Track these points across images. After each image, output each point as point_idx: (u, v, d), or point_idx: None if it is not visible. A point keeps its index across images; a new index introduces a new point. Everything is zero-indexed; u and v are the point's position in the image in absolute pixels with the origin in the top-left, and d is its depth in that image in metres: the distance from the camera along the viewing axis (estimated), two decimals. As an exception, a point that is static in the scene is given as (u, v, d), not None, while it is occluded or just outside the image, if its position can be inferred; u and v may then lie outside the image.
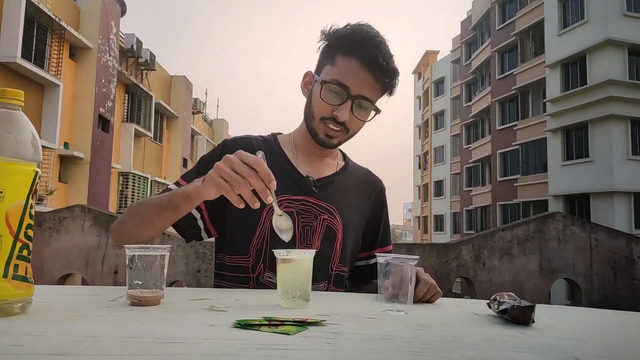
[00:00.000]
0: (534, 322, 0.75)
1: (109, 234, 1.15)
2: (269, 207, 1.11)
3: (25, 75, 11.85)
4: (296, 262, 0.83)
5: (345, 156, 1.33)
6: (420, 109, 42.59)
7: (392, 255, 0.84)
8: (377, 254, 0.85)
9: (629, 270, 3.94)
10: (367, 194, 1.28)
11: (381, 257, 0.83)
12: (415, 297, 0.89)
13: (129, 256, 0.78)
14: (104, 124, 14.90)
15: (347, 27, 1.13)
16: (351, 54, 1.10)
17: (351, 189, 1.25)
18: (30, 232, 0.67)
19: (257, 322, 0.65)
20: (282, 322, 0.66)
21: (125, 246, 0.79)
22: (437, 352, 0.57)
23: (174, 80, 22.36)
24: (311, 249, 1.10)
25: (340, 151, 1.32)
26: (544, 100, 20.54)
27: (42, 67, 12.30)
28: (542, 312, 0.79)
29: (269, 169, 0.83)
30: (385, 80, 1.11)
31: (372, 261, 1.28)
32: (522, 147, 22.66)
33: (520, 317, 0.74)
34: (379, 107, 1.15)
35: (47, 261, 3.77)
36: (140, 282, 0.78)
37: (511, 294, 0.82)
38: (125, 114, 17.53)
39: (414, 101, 45.52)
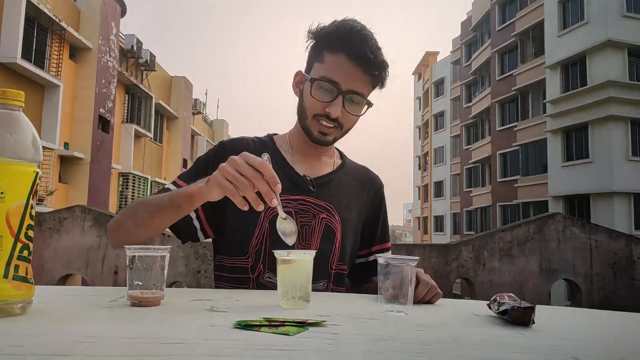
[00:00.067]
0: (534, 323, 0.75)
1: (107, 233, 1.14)
2: (267, 207, 1.11)
3: (25, 75, 11.86)
4: (296, 263, 0.83)
5: (342, 154, 1.33)
6: (420, 110, 42.61)
7: (392, 256, 0.84)
8: (378, 255, 0.84)
9: (629, 271, 3.94)
10: (365, 191, 1.28)
11: (381, 257, 0.83)
12: (415, 298, 0.89)
13: (130, 257, 0.78)
14: (104, 124, 14.91)
15: (333, 23, 1.13)
16: (338, 50, 1.10)
17: (349, 187, 1.24)
18: (30, 233, 0.67)
19: (258, 323, 0.65)
20: (283, 323, 0.66)
21: (125, 247, 0.79)
22: (437, 353, 0.57)
23: (174, 80, 22.37)
24: (311, 250, 1.10)
25: (337, 150, 1.32)
26: (544, 101, 20.54)
27: (42, 67, 12.32)
28: (542, 313, 0.79)
29: (274, 171, 0.82)
30: (374, 73, 1.11)
31: (371, 258, 1.28)
32: (522, 148, 22.66)
33: (520, 318, 0.74)
34: (371, 100, 1.15)
35: (47, 261, 3.77)
36: (140, 283, 0.78)
37: (511, 294, 0.82)
38: (125, 114, 17.54)
39: (414, 102, 45.55)
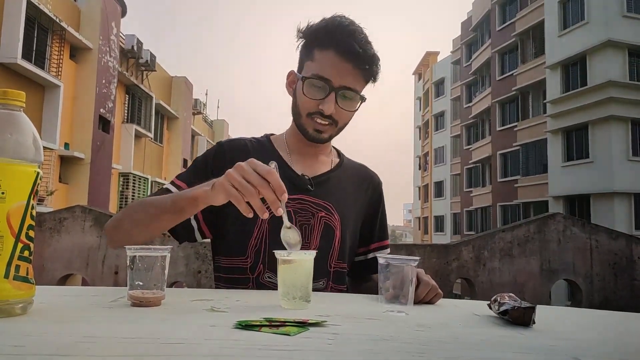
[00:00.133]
0: (534, 323, 0.75)
1: (104, 233, 1.13)
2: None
3: (25, 76, 11.86)
4: (297, 263, 0.83)
5: (339, 153, 1.33)
6: (420, 110, 42.61)
7: (393, 256, 0.83)
8: (377, 254, 0.84)
9: (629, 271, 3.94)
10: (363, 189, 1.28)
11: (382, 258, 0.83)
12: (415, 299, 0.89)
13: (130, 257, 0.78)
14: (104, 124, 14.92)
15: (321, 21, 1.13)
16: (327, 46, 1.10)
17: (347, 185, 1.24)
18: (31, 233, 0.67)
19: (258, 323, 0.65)
20: (283, 323, 0.66)
21: (126, 247, 0.79)
22: (438, 353, 0.57)
23: (174, 80, 22.37)
24: (311, 250, 1.10)
25: (334, 148, 1.32)
26: (544, 101, 20.54)
27: (42, 67, 12.32)
28: (542, 313, 0.79)
29: (281, 180, 0.82)
30: (364, 67, 1.11)
31: (370, 256, 1.28)
32: (522, 148, 22.66)
33: (520, 318, 0.74)
34: (364, 95, 1.15)
35: (48, 262, 3.77)
36: (141, 283, 0.78)
37: (512, 294, 0.82)
38: (125, 114, 17.55)
39: (414, 102, 45.55)
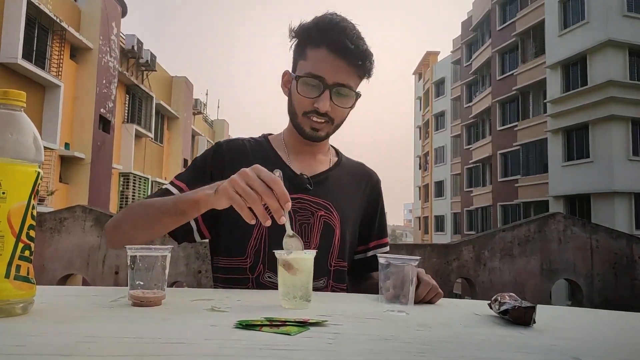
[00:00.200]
0: (535, 322, 0.75)
1: (103, 233, 1.13)
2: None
3: (26, 76, 11.86)
4: (297, 263, 0.83)
5: (338, 152, 1.33)
6: (420, 110, 42.60)
7: (393, 256, 0.83)
8: (379, 255, 0.84)
9: (629, 270, 3.94)
10: (362, 187, 1.28)
11: (382, 257, 0.83)
12: (416, 298, 0.89)
13: (131, 256, 0.78)
14: (104, 124, 14.92)
15: (313, 19, 1.13)
16: (319, 44, 1.10)
17: (346, 184, 1.24)
18: (32, 233, 0.67)
19: (259, 323, 0.65)
20: (284, 323, 0.66)
21: (126, 246, 0.79)
22: (438, 353, 0.57)
23: (174, 80, 22.37)
24: (311, 249, 1.10)
25: (332, 147, 1.32)
26: (545, 100, 20.53)
27: (43, 67, 12.32)
28: (543, 313, 0.79)
29: (285, 189, 0.82)
30: (357, 63, 1.10)
31: (369, 254, 1.29)
32: (522, 147, 22.65)
33: (521, 318, 0.74)
34: (359, 92, 1.15)
35: (48, 262, 3.77)
36: (141, 283, 0.78)
37: (512, 294, 0.82)
38: (125, 114, 17.55)
39: (415, 102, 45.53)
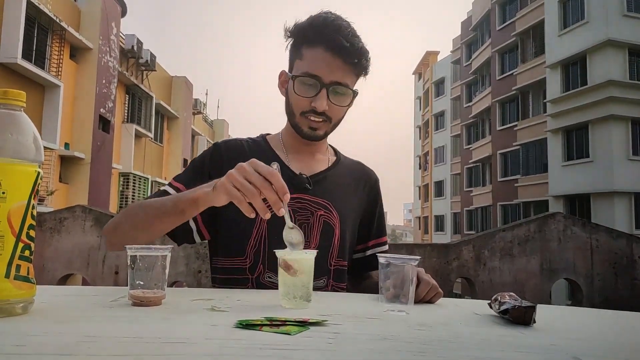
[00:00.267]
0: (535, 322, 0.75)
1: (103, 235, 1.13)
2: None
3: (26, 76, 11.86)
4: (297, 263, 0.83)
5: (336, 151, 1.33)
6: (420, 110, 42.59)
7: (393, 255, 0.83)
8: (379, 255, 0.84)
9: (629, 270, 3.94)
10: (360, 186, 1.28)
11: (382, 257, 0.83)
12: (416, 298, 0.89)
13: (131, 256, 0.78)
14: (104, 124, 14.91)
15: (307, 19, 1.13)
16: (315, 43, 1.10)
17: (345, 183, 1.24)
18: (32, 233, 0.67)
19: (259, 322, 0.65)
20: (284, 322, 0.66)
21: (126, 246, 0.79)
22: (438, 353, 0.57)
23: (174, 80, 22.36)
24: (312, 249, 1.10)
25: (331, 146, 1.32)
26: (545, 100, 20.53)
27: (42, 67, 12.32)
28: (543, 313, 0.79)
29: (283, 181, 0.82)
30: (353, 61, 1.10)
31: (368, 253, 1.29)
32: (522, 147, 22.65)
33: (521, 318, 0.74)
34: (356, 90, 1.15)
35: (48, 261, 3.77)
36: (142, 283, 0.78)
37: (512, 294, 0.82)
38: (125, 114, 17.54)
39: (414, 102, 45.52)
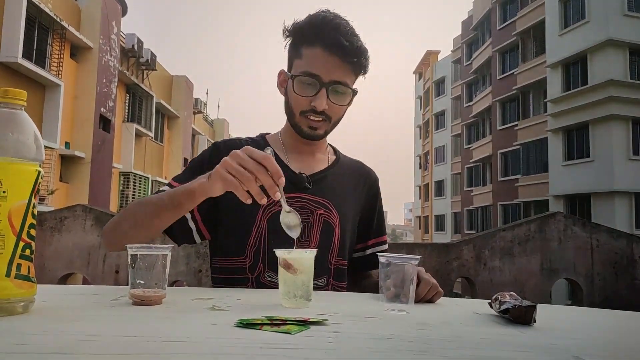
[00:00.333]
0: (535, 321, 0.75)
1: (102, 236, 1.12)
2: (264, 207, 1.11)
3: (26, 75, 11.85)
4: (298, 262, 0.83)
5: (336, 150, 1.33)
6: (421, 109, 42.57)
7: (393, 255, 0.83)
8: (379, 254, 0.84)
9: (630, 270, 3.93)
10: (360, 185, 1.28)
11: (382, 256, 0.83)
12: (416, 297, 0.89)
13: (132, 255, 0.78)
14: (105, 123, 14.91)
15: (306, 17, 1.13)
16: (314, 43, 1.09)
17: (345, 182, 1.24)
18: (32, 232, 0.67)
19: (259, 322, 0.65)
20: (284, 322, 0.66)
21: (127, 245, 0.79)
22: (439, 352, 0.57)
23: (174, 80, 22.36)
24: (312, 248, 1.10)
25: (330, 145, 1.32)
26: (545, 100, 20.51)
27: (43, 67, 12.31)
28: (543, 312, 0.79)
29: (277, 165, 0.83)
30: (352, 60, 1.10)
31: (368, 252, 1.29)
32: (522, 147, 22.64)
33: (521, 317, 0.74)
34: (356, 89, 1.15)
35: (48, 261, 3.77)
36: (142, 282, 0.78)
37: (512, 293, 0.82)
38: (126, 113, 17.54)
39: (415, 101, 45.51)
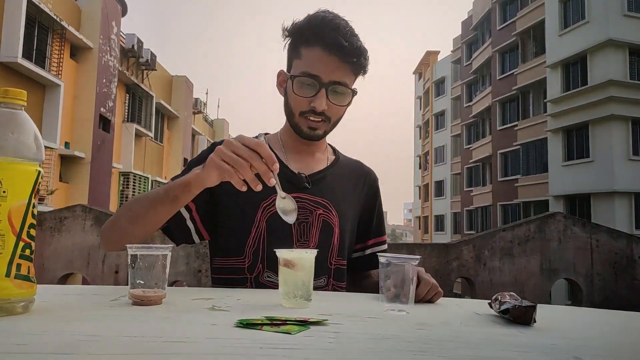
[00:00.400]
0: (535, 322, 0.75)
1: (101, 235, 1.12)
2: (263, 207, 1.11)
3: (26, 75, 11.85)
4: (298, 262, 0.83)
5: (335, 150, 1.32)
6: (420, 109, 42.57)
7: (393, 255, 0.84)
8: (379, 255, 0.84)
9: (629, 270, 3.94)
10: (359, 185, 1.28)
11: (382, 257, 0.83)
12: (416, 297, 0.89)
13: (132, 255, 0.78)
14: (104, 123, 14.91)
15: (305, 18, 1.13)
16: (313, 43, 1.09)
17: (344, 182, 1.24)
18: (32, 232, 0.67)
19: (259, 322, 0.65)
20: (284, 322, 0.66)
21: (127, 245, 0.79)
22: (439, 352, 0.57)
23: (174, 80, 22.36)
24: (312, 248, 1.10)
25: (330, 145, 1.32)
26: (545, 100, 20.52)
27: (43, 67, 12.31)
28: (543, 312, 0.79)
29: (270, 151, 0.83)
30: (352, 60, 1.10)
31: (367, 252, 1.29)
32: (522, 147, 22.64)
33: (521, 317, 0.74)
34: (355, 89, 1.15)
35: (48, 261, 3.77)
36: (142, 282, 0.78)
37: (512, 293, 0.82)
38: (126, 113, 17.53)
39: (415, 101, 45.51)
